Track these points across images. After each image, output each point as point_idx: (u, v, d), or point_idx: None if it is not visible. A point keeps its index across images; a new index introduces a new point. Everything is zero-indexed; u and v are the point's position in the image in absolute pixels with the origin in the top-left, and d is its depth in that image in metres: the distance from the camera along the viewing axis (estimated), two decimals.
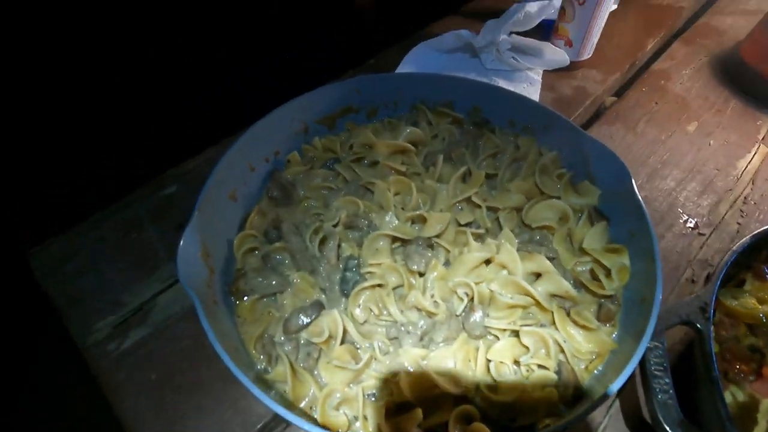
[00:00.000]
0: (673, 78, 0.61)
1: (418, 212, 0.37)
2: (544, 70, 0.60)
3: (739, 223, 0.45)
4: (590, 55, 0.60)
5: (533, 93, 0.57)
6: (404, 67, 0.59)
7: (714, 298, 0.32)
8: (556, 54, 0.57)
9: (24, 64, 0.64)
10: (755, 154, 0.51)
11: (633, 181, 0.35)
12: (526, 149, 0.43)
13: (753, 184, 0.48)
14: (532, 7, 0.54)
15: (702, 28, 0.69)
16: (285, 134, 0.43)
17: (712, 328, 0.31)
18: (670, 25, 0.69)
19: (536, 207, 0.39)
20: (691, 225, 0.45)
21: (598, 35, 0.58)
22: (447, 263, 0.36)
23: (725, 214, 0.46)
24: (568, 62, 0.57)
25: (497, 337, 0.33)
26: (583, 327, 0.32)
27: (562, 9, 0.56)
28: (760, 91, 0.56)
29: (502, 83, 0.58)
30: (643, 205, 0.34)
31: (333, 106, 0.45)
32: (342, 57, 0.63)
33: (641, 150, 0.52)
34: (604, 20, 0.56)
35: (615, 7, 0.68)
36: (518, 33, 0.59)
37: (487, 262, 0.35)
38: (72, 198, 0.60)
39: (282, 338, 0.32)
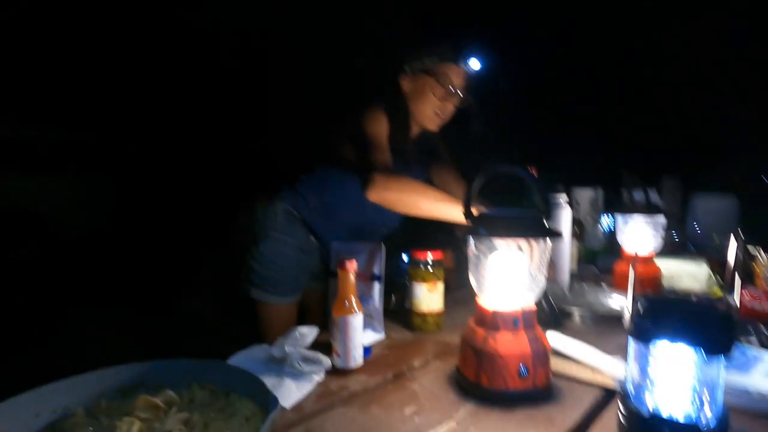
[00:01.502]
0: (418, 379, 0.83)
1: None
2: (327, 373, 0.84)
3: None
4: (358, 365, 0.85)
5: (308, 387, 0.79)
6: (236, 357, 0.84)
7: None
8: (325, 361, 0.82)
9: None
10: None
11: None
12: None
13: None
14: (303, 330, 0.84)
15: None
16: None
17: None
18: (438, 351, 0.97)
19: None
20: None
21: (359, 350, 0.85)
22: None
23: None
24: (330, 366, 0.82)
25: None
26: None
27: (332, 331, 0.86)
28: (465, 389, 0.77)
29: (290, 381, 0.80)
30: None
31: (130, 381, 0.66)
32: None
33: (368, 424, 0.68)
34: (359, 340, 0.85)
35: (382, 335, 0.98)
36: (308, 348, 0.87)
37: None
38: None
39: None
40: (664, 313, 0.49)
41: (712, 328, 0.46)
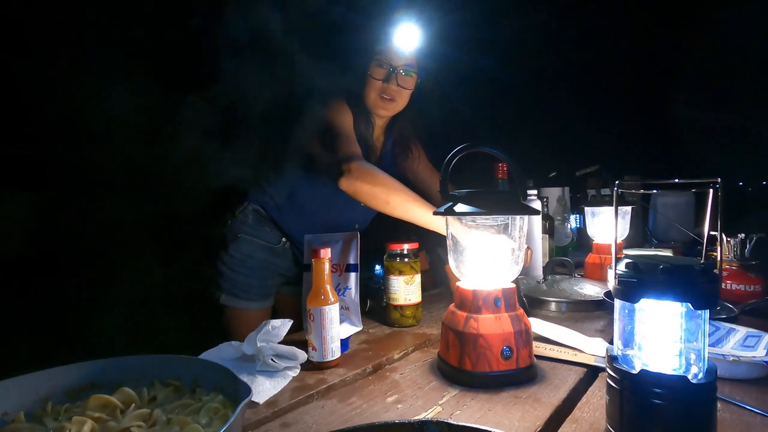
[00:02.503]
0: (398, 370, 0.79)
1: None
2: (302, 367, 0.79)
3: None
4: (335, 358, 0.80)
5: (282, 383, 0.73)
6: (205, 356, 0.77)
7: None
8: (301, 356, 0.78)
9: None
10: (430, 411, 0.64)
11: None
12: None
13: None
14: (276, 323, 0.79)
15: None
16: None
17: None
18: (417, 343, 0.94)
19: None
20: None
21: (336, 342, 0.80)
22: None
23: None
24: (305, 359, 0.77)
25: None
26: None
27: (307, 324, 0.81)
28: (448, 376, 0.74)
29: (263, 379, 0.75)
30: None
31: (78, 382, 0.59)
32: None
33: (349, 415, 0.63)
34: (336, 332, 0.80)
35: (360, 327, 0.94)
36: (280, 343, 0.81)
37: None
38: None
39: None
40: (649, 272, 0.48)
41: (698, 282, 0.46)
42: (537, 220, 1.54)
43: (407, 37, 1.19)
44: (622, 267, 0.50)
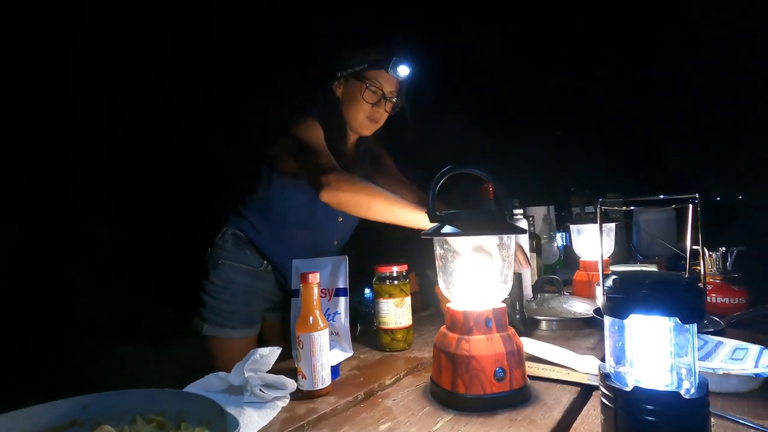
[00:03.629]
0: (391, 396, 0.78)
1: None
2: (291, 397, 0.76)
3: None
4: (326, 386, 0.78)
5: (271, 414, 0.71)
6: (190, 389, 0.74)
7: None
8: (290, 385, 0.76)
9: None
10: None
11: None
12: None
13: None
14: (264, 351, 0.77)
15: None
16: None
17: None
18: (409, 367, 0.92)
19: None
20: None
21: (326, 369, 0.79)
22: None
23: None
24: (295, 388, 0.75)
25: None
26: None
27: (296, 352, 0.79)
28: (441, 400, 0.73)
29: (251, 410, 0.72)
30: None
31: (58, 420, 0.56)
32: None
33: None
34: (327, 359, 0.79)
35: (350, 353, 0.92)
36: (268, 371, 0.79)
37: None
38: None
39: None
40: (636, 288, 0.48)
41: (684, 296, 0.46)
42: (524, 239, 1.56)
43: (402, 68, 1.23)
44: (609, 284, 0.51)
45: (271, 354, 0.77)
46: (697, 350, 0.49)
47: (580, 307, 1.24)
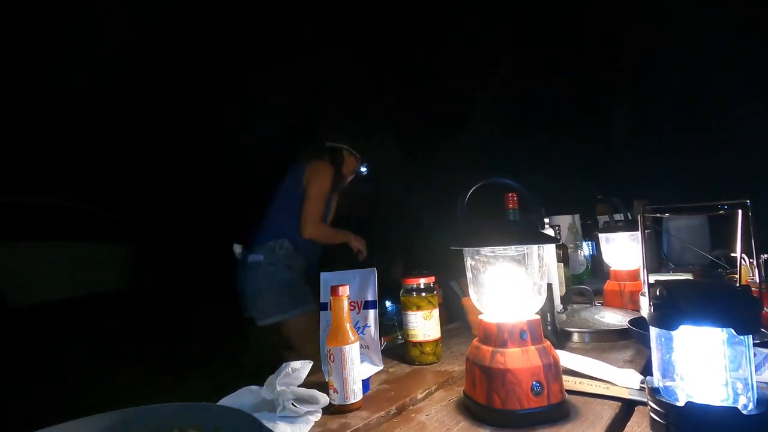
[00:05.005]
0: (424, 411, 0.76)
1: None
2: (323, 411, 0.76)
3: None
4: (358, 400, 0.77)
5: (305, 429, 0.71)
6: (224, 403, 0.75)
7: None
8: (322, 399, 0.75)
9: None
10: None
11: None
12: None
13: None
14: (296, 365, 0.77)
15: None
16: None
17: None
18: (440, 381, 0.91)
19: None
20: None
21: (358, 383, 0.78)
22: None
23: None
24: (327, 403, 0.74)
25: None
26: None
27: (327, 366, 0.79)
28: (476, 415, 0.71)
29: (284, 425, 0.72)
30: None
31: None
32: None
33: None
34: (358, 372, 0.78)
35: (381, 367, 0.91)
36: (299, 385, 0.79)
37: None
38: None
39: None
40: (686, 297, 0.46)
41: (739, 305, 0.44)
42: (551, 248, 1.53)
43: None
44: (658, 291, 0.49)
45: (303, 368, 0.77)
46: (753, 363, 0.47)
47: (613, 318, 1.20)
